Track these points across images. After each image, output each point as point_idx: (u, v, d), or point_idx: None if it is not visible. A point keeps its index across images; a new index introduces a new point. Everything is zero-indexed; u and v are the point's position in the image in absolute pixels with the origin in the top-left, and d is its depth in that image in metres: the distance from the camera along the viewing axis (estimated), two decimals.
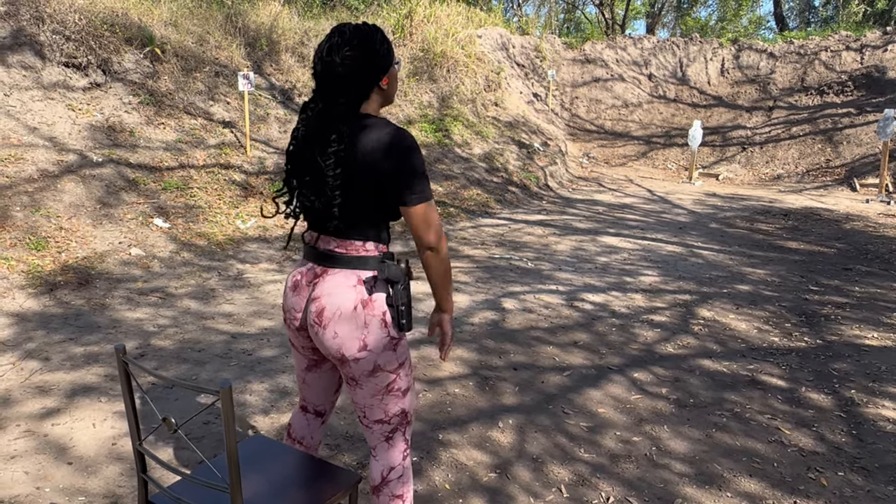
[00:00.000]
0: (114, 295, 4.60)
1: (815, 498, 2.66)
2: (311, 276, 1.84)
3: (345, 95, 1.74)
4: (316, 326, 1.80)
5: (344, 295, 1.77)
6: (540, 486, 2.68)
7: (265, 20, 9.54)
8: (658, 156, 14.00)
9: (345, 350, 1.79)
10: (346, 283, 1.78)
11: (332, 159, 1.71)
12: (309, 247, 1.87)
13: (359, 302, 1.77)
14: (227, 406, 1.46)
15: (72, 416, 3.02)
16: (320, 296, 1.79)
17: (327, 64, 1.72)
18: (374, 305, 1.79)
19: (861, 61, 14.05)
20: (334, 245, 1.81)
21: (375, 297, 1.79)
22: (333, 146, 1.71)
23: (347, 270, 1.80)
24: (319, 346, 1.84)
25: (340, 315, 1.77)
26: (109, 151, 6.42)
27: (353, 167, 1.72)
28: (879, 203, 10.22)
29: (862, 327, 4.65)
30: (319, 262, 1.83)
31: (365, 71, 1.74)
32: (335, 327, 1.77)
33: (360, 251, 1.80)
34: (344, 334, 1.77)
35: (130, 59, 7.52)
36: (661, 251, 6.85)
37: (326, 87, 1.74)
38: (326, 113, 1.75)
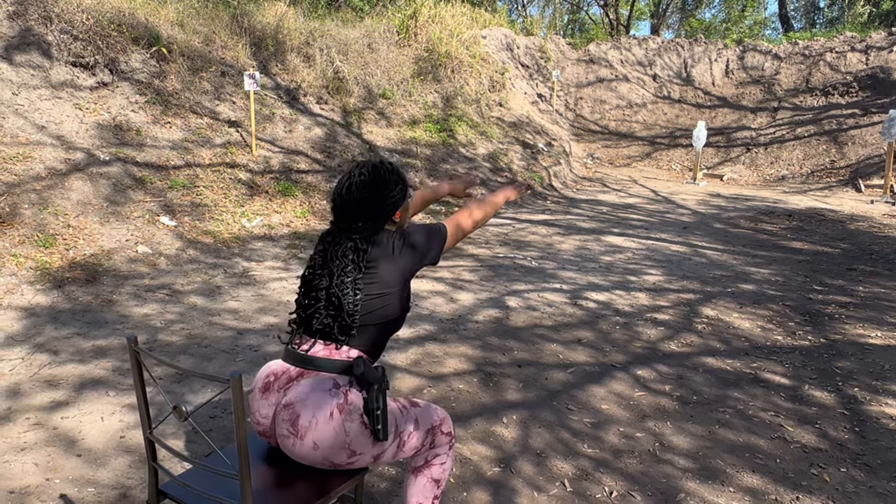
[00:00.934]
0: (121, 291, 4.64)
1: (817, 494, 2.67)
2: (285, 380, 1.84)
3: (359, 231, 1.88)
4: (292, 437, 1.74)
5: (319, 401, 1.73)
6: (543, 480, 2.70)
7: (271, 20, 9.59)
8: (662, 156, 14.00)
9: (333, 459, 1.76)
10: (320, 388, 1.76)
11: (348, 289, 1.82)
12: (291, 349, 1.89)
13: (335, 408, 1.73)
14: (237, 395, 1.49)
15: (80, 410, 3.06)
16: (294, 402, 1.75)
17: (346, 201, 1.89)
18: (351, 410, 1.75)
19: (866, 62, 14.04)
20: (319, 347, 1.85)
21: (352, 400, 1.76)
22: (349, 277, 1.83)
23: (323, 374, 1.80)
24: (295, 455, 1.78)
25: (317, 424, 1.72)
26: (116, 150, 6.47)
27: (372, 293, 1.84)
28: (884, 204, 10.20)
29: (866, 326, 4.66)
30: (297, 363, 1.84)
31: (379, 211, 1.90)
32: (314, 438, 1.72)
33: (343, 355, 1.83)
34: (326, 446, 1.73)
35: (137, 59, 7.57)
36: (665, 251, 6.86)
37: (343, 221, 1.90)
38: (343, 247, 1.87)
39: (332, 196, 1.93)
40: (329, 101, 9.33)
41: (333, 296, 1.84)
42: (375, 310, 1.86)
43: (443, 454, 2.01)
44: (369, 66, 10.28)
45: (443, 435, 2.01)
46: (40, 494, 2.43)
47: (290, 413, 1.74)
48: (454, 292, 5.11)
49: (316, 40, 9.85)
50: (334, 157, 8.35)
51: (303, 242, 6.26)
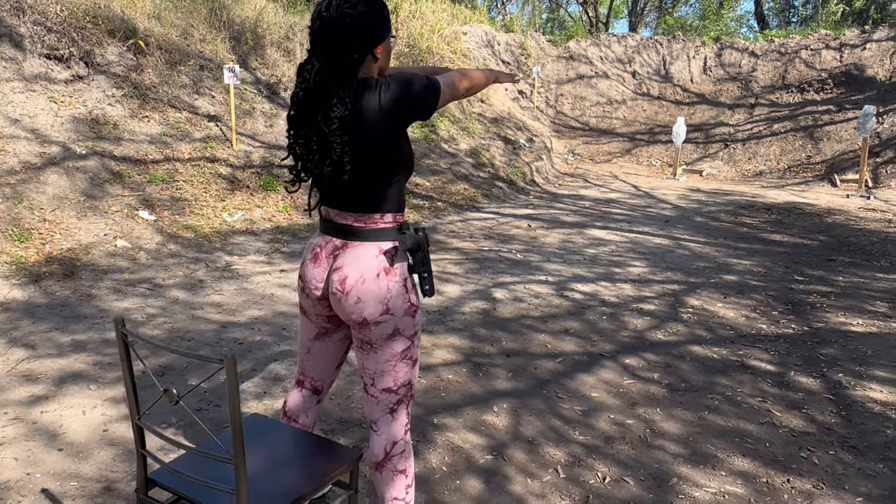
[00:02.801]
0: (100, 286, 4.54)
1: (807, 476, 2.69)
2: (332, 249, 1.86)
3: (340, 54, 1.70)
4: (339, 294, 1.82)
5: (367, 264, 1.80)
6: (536, 466, 2.68)
7: (250, 14, 9.48)
8: (642, 153, 14.10)
9: (367, 314, 1.81)
10: (367, 255, 1.81)
11: (335, 124, 1.69)
12: (326, 221, 1.88)
13: (381, 270, 1.80)
14: (231, 377, 1.44)
15: (60, 404, 2.98)
16: (342, 265, 1.82)
17: (325, 20, 1.69)
18: (395, 273, 1.82)
19: (840, 59, 14.26)
20: (352, 220, 1.82)
21: (397, 265, 1.83)
22: (336, 111, 1.68)
23: (368, 243, 1.82)
24: (340, 312, 1.86)
25: (364, 282, 1.79)
26: (93, 144, 6.33)
27: (360, 131, 1.71)
28: (859, 198, 10.37)
29: (847, 315, 4.72)
30: (339, 235, 1.84)
31: (362, 32, 1.70)
32: (358, 293, 1.80)
33: (379, 223, 1.83)
34: (367, 299, 1.80)
35: (113, 52, 7.42)
36: (648, 243, 6.89)
37: (322, 44, 1.71)
38: (325, 76, 1.71)
39: (310, 19, 1.73)
40: None
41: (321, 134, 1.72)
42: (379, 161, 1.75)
43: (400, 441, 1.92)
44: None
45: (405, 411, 1.94)
46: (21, 489, 2.35)
47: (340, 275, 1.81)
48: (440, 284, 5.08)
49: (296, 35, 9.75)
50: None
51: (286, 237, 6.19)
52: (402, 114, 1.74)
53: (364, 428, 2.91)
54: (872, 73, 13.58)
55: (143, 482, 1.71)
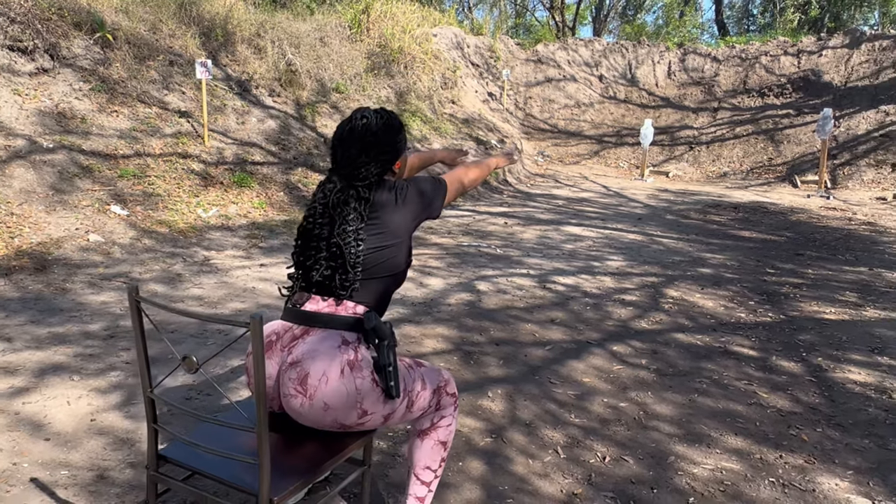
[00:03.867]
0: (74, 280, 4.40)
1: (798, 452, 2.75)
2: (290, 338, 1.75)
3: (361, 178, 1.81)
4: (300, 397, 1.64)
5: (329, 357, 1.65)
6: (536, 448, 2.69)
7: (220, 10, 9.33)
8: (610, 154, 14.32)
9: (343, 420, 1.68)
10: (329, 345, 1.68)
11: (350, 238, 1.75)
12: (292, 308, 1.80)
13: (345, 365, 1.65)
14: (256, 338, 1.41)
15: (43, 395, 2.87)
16: (300, 360, 1.66)
17: (347, 145, 1.81)
18: (362, 367, 1.68)
19: (798, 65, 14.73)
20: (323, 305, 1.77)
21: (361, 357, 1.69)
22: (351, 226, 1.76)
23: (330, 330, 1.72)
24: (303, 419, 1.69)
25: (328, 381, 1.63)
26: (61, 138, 6.14)
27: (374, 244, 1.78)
28: (820, 198, 10.71)
29: (819, 304, 4.86)
30: (301, 322, 1.76)
31: (382, 156, 1.83)
32: (324, 398, 1.63)
33: (350, 311, 1.76)
34: (337, 406, 1.64)
35: (80, 45, 7.23)
36: (623, 239, 6.99)
37: (344, 164, 1.82)
38: (345, 196, 1.79)
39: (332, 141, 1.86)
40: (281, 93, 9.14)
41: (335, 246, 1.77)
42: (379, 262, 1.80)
43: (448, 416, 1.96)
44: (322, 59, 10.13)
45: (448, 395, 1.97)
46: (8, 479, 2.26)
47: (298, 371, 1.65)
48: (423, 278, 5.06)
49: (267, 32, 9.63)
50: (289, 150, 8.17)
51: (262, 232, 6.09)
52: (415, 219, 1.88)
53: None
54: (829, 78, 14.06)
55: (153, 458, 1.66)
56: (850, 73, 13.94)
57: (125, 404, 2.83)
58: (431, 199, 1.93)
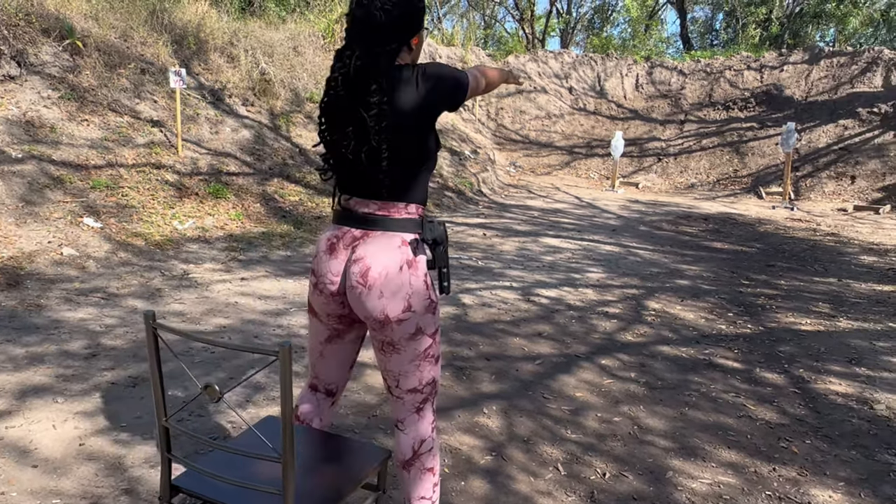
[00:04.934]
0: (49, 296, 4.25)
1: (790, 464, 2.81)
2: (350, 239, 1.79)
3: (381, 46, 1.70)
4: (360, 287, 1.74)
5: (390, 256, 1.74)
6: (536, 465, 2.69)
7: (192, 18, 9.19)
8: (581, 165, 14.50)
9: (389, 311, 1.75)
10: (390, 245, 1.75)
11: (374, 110, 1.67)
12: (344, 210, 1.82)
13: (404, 262, 1.75)
14: (285, 366, 1.38)
15: (26, 419, 2.76)
16: (364, 256, 1.74)
17: (366, 10, 1.68)
18: (418, 267, 1.78)
19: (761, 80, 15.15)
20: (374, 208, 1.78)
21: (419, 258, 1.78)
22: (375, 97, 1.67)
23: (391, 233, 1.77)
24: (359, 308, 1.78)
25: (387, 276, 1.73)
26: (30, 147, 5.96)
27: (396, 119, 1.69)
28: (784, 209, 11.01)
29: (795, 315, 4.98)
30: (359, 225, 1.78)
31: (402, 24, 1.71)
32: (381, 287, 1.73)
33: (402, 213, 1.78)
34: (390, 295, 1.74)
35: (48, 52, 7.04)
36: (600, 250, 7.08)
37: (363, 35, 1.70)
38: (364, 63, 1.69)
39: (349, 7, 1.74)
40: (255, 103, 9.03)
41: (360, 121, 1.69)
42: (406, 148, 1.73)
43: (428, 439, 1.89)
44: (295, 69, 10.05)
45: (430, 409, 1.91)
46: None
47: (361, 265, 1.73)
48: None
49: (240, 41, 9.52)
50: (264, 160, 8.07)
51: (240, 245, 6.00)
52: (436, 104, 1.75)
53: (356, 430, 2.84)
54: (790, 92, 14.49)
55: (167, 488, 1.61)
56: (810, 88, 14.39)
57: (113, 427, 2.74)
58: (453, 88, 1.78)
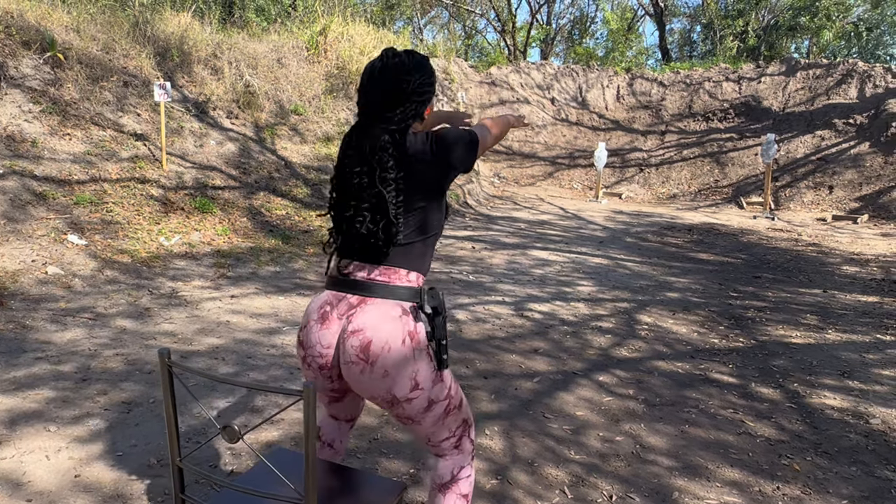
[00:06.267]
0: (35, 316, 4.15)
1: (793, 483, 2.82)
2: (346, 307, 1.70)
3: (396, 122, 1.69)
4: (361, 364, 1.64)
5: (392, 327, 1.65)
6: (542, 488, 2.67)
7: (175, 30, 9.10)
8: (564, 176, 14.58)
9: (396, 392, 1.67)
10: (391, 315, 1.66)
11: (391, 185, 1.66)
12: (340, 276, 1.75)
13: (406, 335, 1.66)
14: (309, 407, 1.35)
15: (18, 449, 2.68)
16: (363, 328, 1.64)
17: (381, 84, 1.68)
18: (419, 338, 1.69)
19: (739, 91, 15.39)
20: (375, 273, 1.71)
21: (419, 328, 1.70)
22: (392, 173, 1.66)
23: (390, 301, 1.68)
24: (360, 387, 1.69)
25: (390, 350, 1.63)
26: (11, 163, 5.84)
27: (414, 192, 1.69)
28: (765, 219, 11.16)
29: (785, 328, 5.03)
30: (356, 291, 1.70)
31: (416, 99, 1.71)
32: (384, 365, 1.64)
33: (404, 280, 1.72)
34: (395, 373, 1.65)
35: (29, 65, 6.92)
36: (589, 263, 7.10)
37: (377, 111, 1.69)
38: (381, 140, 1.68)
39: (361, 81, 1.72)
40: (240, 115, 8.95)
41: (375, 196, 1.67)
42: (419, 220, 1.71)
43: (467, 465, 1.93)
44: (280, 81, 10.00)
45: (469, 441, 1.93)
46: None
47: (361, 339, 1.63)
48: None
49: (224, 53, 9.45)
50: (250, 174, 8.00)
51: (229, 261, 5.92)
52: (451, 170, 1.75)
53: (359, 455, 2.79)
54: (768, 104, 14.73)
55: None
56: (787, 100, 14.64)
57: (109, 455, 2.67)
58: (466, 152, 1.78)
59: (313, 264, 6.25)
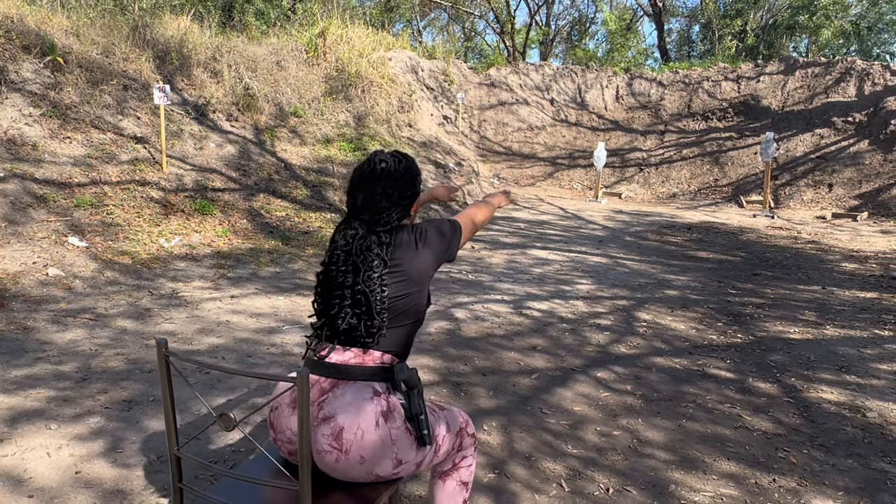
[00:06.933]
0: (36, 317, 4.18)
1: (790, 475, 2.83)
2: (318, 392, 1.70)
3: (383, 225, 1.80)
4: (335, 452, 1.63)
5: (363, 411, 1.64)
6: (539, 482, 2.69)
7: (174, 34, 9.14)
8: (563, 176, 14.60)
9: (379, 471, 1.68)
10: (361, 397, 1.67)
11: (376, 284, 1.73)
12: (315, 358, 1.75)
13: (379, 416, 1.65)
14: (303, 393, 1.37)
15: (19, 446, 2.70)
16: (334, 414, 1.64)
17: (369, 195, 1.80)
18: (395, 417, 1.69)
19: (738, 90, 15.41)
20: (350, 356, 1.73)
21: (394, 406, 1.70)
22: (376, 272, 1.74)
23: (361, 383, 1.70)
24: (336, 473, 1.68)
25: (363, 435, 1.62)
26: (11, 166, 5.87)
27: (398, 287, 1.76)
28: (765, 217, 11.17)
29: (783, 324, 5.05)
30: (329, 374, 1.71)
31: (401, 201, 1.83)
32: (360, 451, 1.63)
33: (377, 362, 1.74)
34: (372, 458, 1.64)
35: (29, 69, 6.96)
36: (588, 262, 7.12)
37: (366, 214, 1.80)
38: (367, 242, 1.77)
39: (350, 184, 1.83)
40: (239, 118, 8.99)
41: (359, 294, 1.74)
42: (403, 308, 1.78)
43: (469, 455, 1.97)
44: (279, 83, 10.04)
45: (468, 437, 1.96)
46: None
47: (332, 426, 1.62)
48: None
49: (223, 56, 9.49)
50: (250, 176, 8.03)
51: (229, 262, 5.94)
52: (436, 262, 1.87)
53: None
54: (767, 103, 14.75)
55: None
56: (786, 98, 14.66)
57: (110, 452, 2.69)
58: (450, 242, 1.91)
59: (313, 265, 6.27)
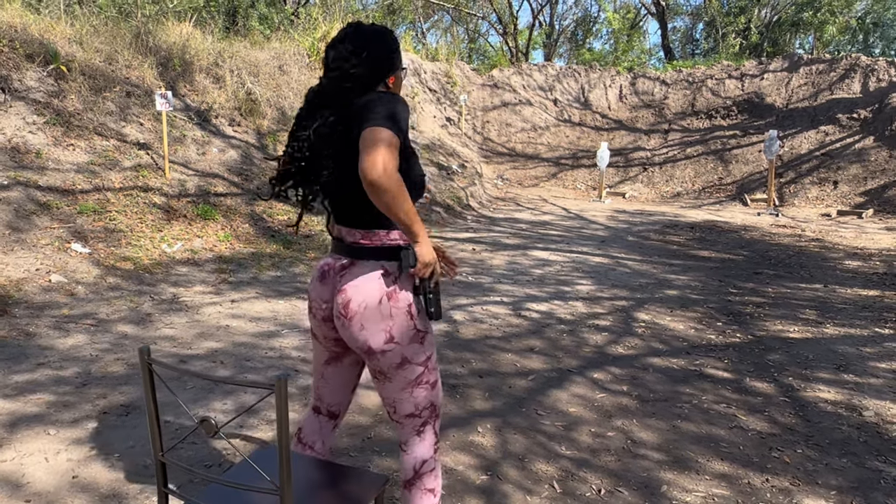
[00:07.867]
0: (38, 323, 4.23)
1: (783, 474, 2.84)
2: (339, 268, 1.86)
3: (353, 78, 1.78)
4: (342, 318, 1.81)
5: (369, 287, 1.79)
6: (531, 483, 2.70)
7: (177, 40, 9.21)
8: (567, 176, 14.60)
9: (371, 342, 1.80)
10: (371, 276, 1.80)
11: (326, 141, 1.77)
12: (336, 239, 1.90)
13: (384, 294, 1.79)
14: (281, 399, 1.39)
15: (18, 451, 2.74)
16: (346, 288, 1.81)
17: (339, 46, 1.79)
18: (398, 297, 1.81)
19: (742, 88, 15.35)
20: (359, 236, 1.84)
21: (400, 287, 1.82)
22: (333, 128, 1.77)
23: (373, 261, 1.82)
24: (345, 337, 1.84)
25: (366, 308, 1.78)
26: (15, 174, 5.94)
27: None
28: (769, 216, 11.13)
29: (783, 323, 5.04)
30: (347, 254, 1.86)
31: (375, 61, 1.81)
32: (361, 319, 1.79)
33: (385, 240, 1.82)
34: (370, 327, 1.79)
35: (33, 77, 7.03)
36: (589, 262, 7.12)
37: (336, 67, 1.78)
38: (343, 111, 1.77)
39: (326, 49, 1.83)
40: (242, 123, 9.04)
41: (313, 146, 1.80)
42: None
43: (430, 459, 1.95)
44: (281, 88, 10.09)
45: (432, 431, 1.95)
46: None
47: (344, 297, 1.80)
48: None
49: (225, 61, 9.54)
50: (252, 180, 8.08)
51: (230, 266, 5.99)
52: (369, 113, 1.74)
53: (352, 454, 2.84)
54: (771, 100, 14.69)
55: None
56: (790, 96, 14.59)
57: (106, 457, 2.73)
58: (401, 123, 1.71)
59: (314, 268, 6.31)
